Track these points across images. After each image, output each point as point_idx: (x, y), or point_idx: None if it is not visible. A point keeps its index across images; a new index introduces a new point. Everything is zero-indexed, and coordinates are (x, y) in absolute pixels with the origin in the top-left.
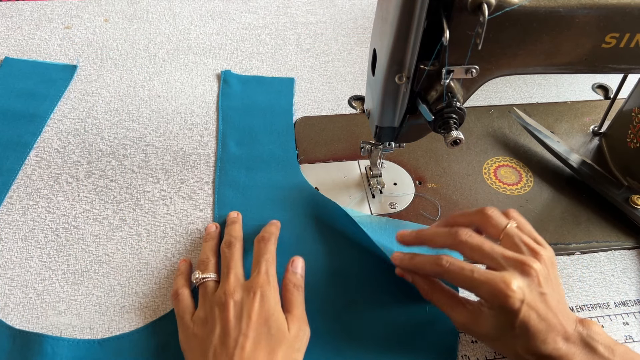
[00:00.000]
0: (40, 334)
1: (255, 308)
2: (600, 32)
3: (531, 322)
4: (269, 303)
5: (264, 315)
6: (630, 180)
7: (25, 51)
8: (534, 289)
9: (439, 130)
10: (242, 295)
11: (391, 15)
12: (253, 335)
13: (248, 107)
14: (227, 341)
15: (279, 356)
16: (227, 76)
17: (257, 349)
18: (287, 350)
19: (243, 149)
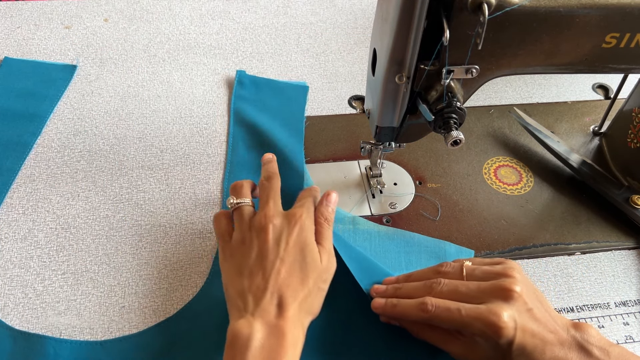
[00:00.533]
0: (42, 335)
1: (293, 235)
2: (601, 32)
3: (527, 343)
4: (307, 233)
5: (300, 244)
6: (631, 180)
7: (25, 51)
8: (521, 310)
9: (439, 130)
10: (282, 222)
11: (391, 15)
12: (289, 260)
13: (261, 112)
14: (264, 263)
15: (311, 283)
16: (242, 77)
17: (291, 275)
18: (317, 279)
19: (253, 153)
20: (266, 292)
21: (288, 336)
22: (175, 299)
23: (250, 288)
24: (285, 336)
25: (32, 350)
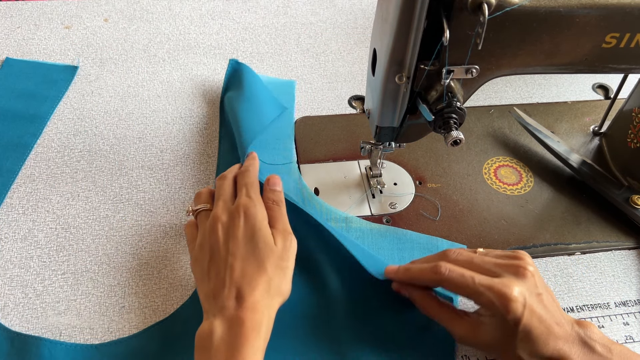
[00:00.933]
0: (38, 337)
1: (240, 227)
2: (600, 32)
3: (533, 327)
4: (254, 220)
5: (249, 233)
6: (631, 180)
7: (25, 51)
8: (532, 291)
9: (439, 130)
10: (228, 218)
11: (391, 15)
12: (241, 253)
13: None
14: (218, 263)
15: (269, 268)
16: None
17: (246, 266)
18: (276, 261)
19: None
20: (224, 289)
21: (247, 323)
22: (175, 299)
23: (212, 290)
24: (244, 323)
25: (27, 352)
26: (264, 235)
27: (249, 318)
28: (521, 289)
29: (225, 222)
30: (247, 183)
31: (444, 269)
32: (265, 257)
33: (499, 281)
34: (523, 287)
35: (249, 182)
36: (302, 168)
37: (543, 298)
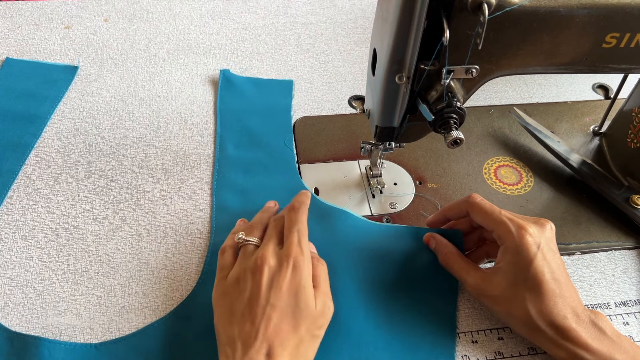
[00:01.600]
0: (38, 337)
1: (286, 279)
2: (600, 32)
3: (545, 276)
4: (301, 275)
5: (294, 288)
6: (631, 180)
7: (25, 51)
8: (549, 242)
9: (439, 130)
10: (276, 263)
11: (391, 15)
12: (281, 306)
13: (246, 110)
14: (255, 308)
15: (303, 330)
16: (226, 76)
17: (282, 321)
18: (311, 326)
19: (241, 151)
20: (256, 341)
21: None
22: (175, 299)
23: (240, 335)
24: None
25: (27, 352)
26: (307, 294)
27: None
28: (538, 233)
29: (272, 267)
30: (300, 229)
31: (477, 197)
32: (303, 318)
33: (521, 219)
34: (541, 234)
35: (301, 228)
36: (302, 168)
37: (558, 260)
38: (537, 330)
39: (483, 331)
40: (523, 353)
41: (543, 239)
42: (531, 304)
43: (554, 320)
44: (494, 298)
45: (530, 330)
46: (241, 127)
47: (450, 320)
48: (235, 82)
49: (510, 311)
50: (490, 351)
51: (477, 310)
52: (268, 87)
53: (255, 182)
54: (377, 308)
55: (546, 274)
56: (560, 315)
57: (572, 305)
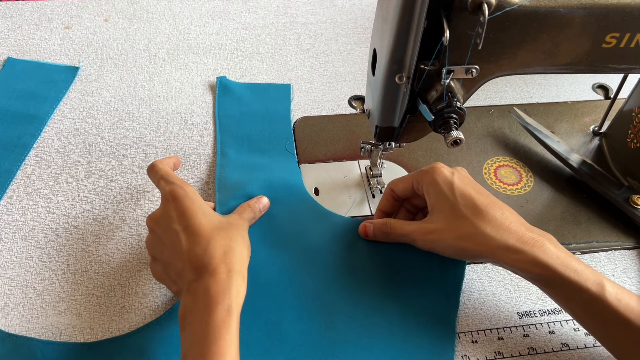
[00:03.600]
0: (30, 338)
1: (172, 210)
2: (600, 32)
3: (470, 192)
4: (184, 197)
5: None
6: (631, 180)
7: (25, 51)
8: (460, 171)
9: (439, 130)
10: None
11: (391, 15)
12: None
13: (245, 115)
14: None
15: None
16: (223, 83)
17: (187, 237)
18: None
19: (243, 156)
20: (180, 269)
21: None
22: (176, 300)
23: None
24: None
25: (19, 353)
26: (200, 207)
27: (212, 283)
28: (448, 167)
29: (157, 216)
30: (162, 175)
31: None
32: (204, 223)
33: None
34: (451, 168)
35: (162, 173)
36: (302, 168)
37: (480, 189)
38: (492, 243)
39: (483, 331)
40: (523, 353)
41: (455, 171)
42: (472, 226)
43: (496, 223)
44: (440, 231)
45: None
46: (241, 133)
47: (450, 323)
48: (232, 89)
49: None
50: (490, 351)
51: (477, 310)
52: (266, 92)
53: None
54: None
55: (470, 190)
56: (504, 219)
57: (512, 219)
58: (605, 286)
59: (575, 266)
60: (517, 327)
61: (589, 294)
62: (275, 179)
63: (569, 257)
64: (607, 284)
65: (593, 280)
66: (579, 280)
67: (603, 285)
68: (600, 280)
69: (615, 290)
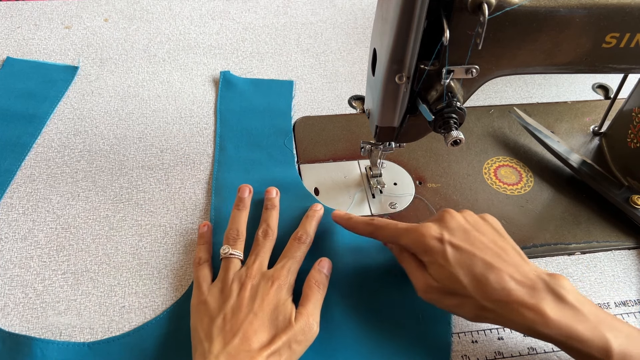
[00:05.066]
0: (30, 337)
1: (269, 294)
2: (600, 32)
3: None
4: (281, 295)
5: (274, 302)
6: (631, 180)
7: (25, 51)
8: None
9: (439, 130)
10: (261, 282)
11: (391, 15)
12: (262, 315)
13: (246, 110)
14: (238, 314)
15: (281, 340)
16: (226, 77)
17: (262, 329)
18: (290, 339)
19: (241, 151)
20: (235, 336)
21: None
22: (175, 299)
23: (220, 332)
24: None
25: (19, 352)
26: (286, 309)
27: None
28: (437, 227)
29: (255, 284)
30: (295, 258)
31: (376, 220)
32: (282, 329)
33: (418, 224)
34: (440, 226)
35: (297, 257)
36: (302, 168)
37: (473, 235)
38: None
39: (483, 331)
40: (523, 353)
41: (445, 231)
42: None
43: (498, 297)
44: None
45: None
46: (241, 127)
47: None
48: (235, 83)
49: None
50: (490, 351)
51: None
52: (268, 87)
53: (254, 183)
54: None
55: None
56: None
57: (514, 277)
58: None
59: (580, 333)
60: None
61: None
62: (272, 179)
63: (574, 320)
64: (613, 348)
65: (598, 346)
66: (583, 348)
67: (609, 350)
68: (605, 344)
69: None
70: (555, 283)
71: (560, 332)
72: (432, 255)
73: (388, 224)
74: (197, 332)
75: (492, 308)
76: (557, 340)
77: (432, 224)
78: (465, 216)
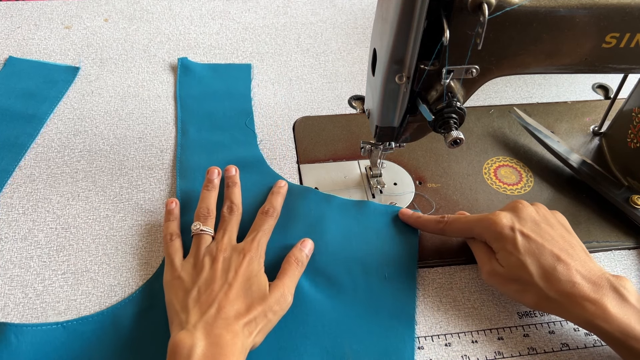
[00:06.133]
0: (3, 323)
1: (242, 266)
2: (600, 32)
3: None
4: (254, 265)
5: (247, 274)
6: (631, 180)
7: (25, 51)
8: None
9: (439, 130)
10: (232, 254)
11: (391, 15)
12: (236, 286)
13: (206, 94)
14: (212, 286)
15: (257, 310)
16: (184, 64)
17: (237, 299)
18: (264, 308)
19: (203, 134)
20: (211, 306)
21: (230, 347)
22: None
23: (196, 302)
24: (227, 346)
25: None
26: (259, 280)
27: (232, 343)
28: (508, 216)
29: (227, 256)
30: (264, 231)
31: (446, 217)
32: (257, 300)
33: (489, 213)
34: (512, 215)
35: (265, 230)
36: (302, 168)
37: (543, 227)
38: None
39: (483, 331)
40: (523, 353)
41: (516, 220)
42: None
43: (563, 288)
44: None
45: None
46: (202, 111)
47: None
48: (193, 69)
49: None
50: (490, 351)
51: (477, 310)
52: (227, 71)
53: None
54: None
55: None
56: (568, 283)
57: (580, 271)
58: None
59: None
60: (517, 327)
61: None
62: (235, 158)
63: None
64: None
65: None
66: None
67: None
68: None
69: None
70: (619, 283)
71: (620, 328)
72: (503, 242)
73: (459, 218)
74: (172, 305)
75: (555, 298)
76: (614, 337)
77: (504, 213)
78: (537, 209)
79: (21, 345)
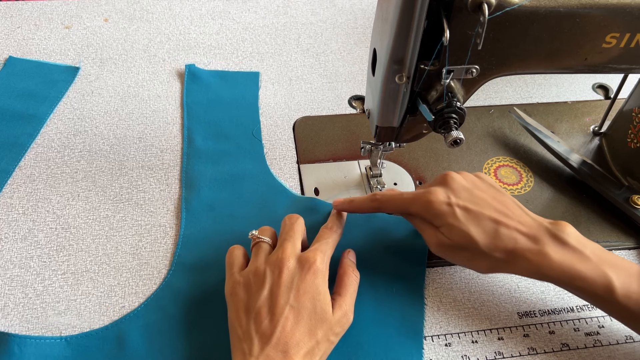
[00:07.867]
0: (6, 333)
1: (306, 282)
2: (600, 32)
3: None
4: (319, 280)
5: (312, 292)
6: (631, 180)
7: (25, 51)
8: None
9: (439, 130)
10: (295, 265)
11: (391, 15)
12: (299, 308)
13: (213, 102)
14: (274, 308)
15: (319, 335)
16: (191, 71)
17: (299, 323)
18: (327, 331)
19: (209, 143)
20: (272, 338)
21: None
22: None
23: (258, 331)
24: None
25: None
26: (323, 300)
27: None
28: (442, 191)
29: (291, 267)
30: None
31: (379, 195)
32: (320, 322)
33: (423, 190)
34: (446, 190)
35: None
36: (302, 168)
37: (476, 193)
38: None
39: (483, 331)
40: (523, 353)
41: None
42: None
43: (506, 247)
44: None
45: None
46: (209, 119)
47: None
48: (200, 76)
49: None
50: (490, 351)
51: (477, 310)
52: (234, 79)
53: (224, 174)
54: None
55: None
56: (511, 240)
57: (518, 228)
58: (614, 287)
59: (582, 273)
60: (517, 327)
61: (598, 298)
62: (241, 169)
63: (576, 261)
64: (615, 284)
65: (601, 284)
66: (586, 287)
67: (611, 287)
68: (607, 281)
69: (624, 288)
70: (557, 229)
71: (564, 273)
72: (444, 218)
73: (393, 196)
74: (234, 329)
75: (502, 258)
76: (561, 282)
77: (437, 189)
78: (464, 176)
79: (24, 356)
